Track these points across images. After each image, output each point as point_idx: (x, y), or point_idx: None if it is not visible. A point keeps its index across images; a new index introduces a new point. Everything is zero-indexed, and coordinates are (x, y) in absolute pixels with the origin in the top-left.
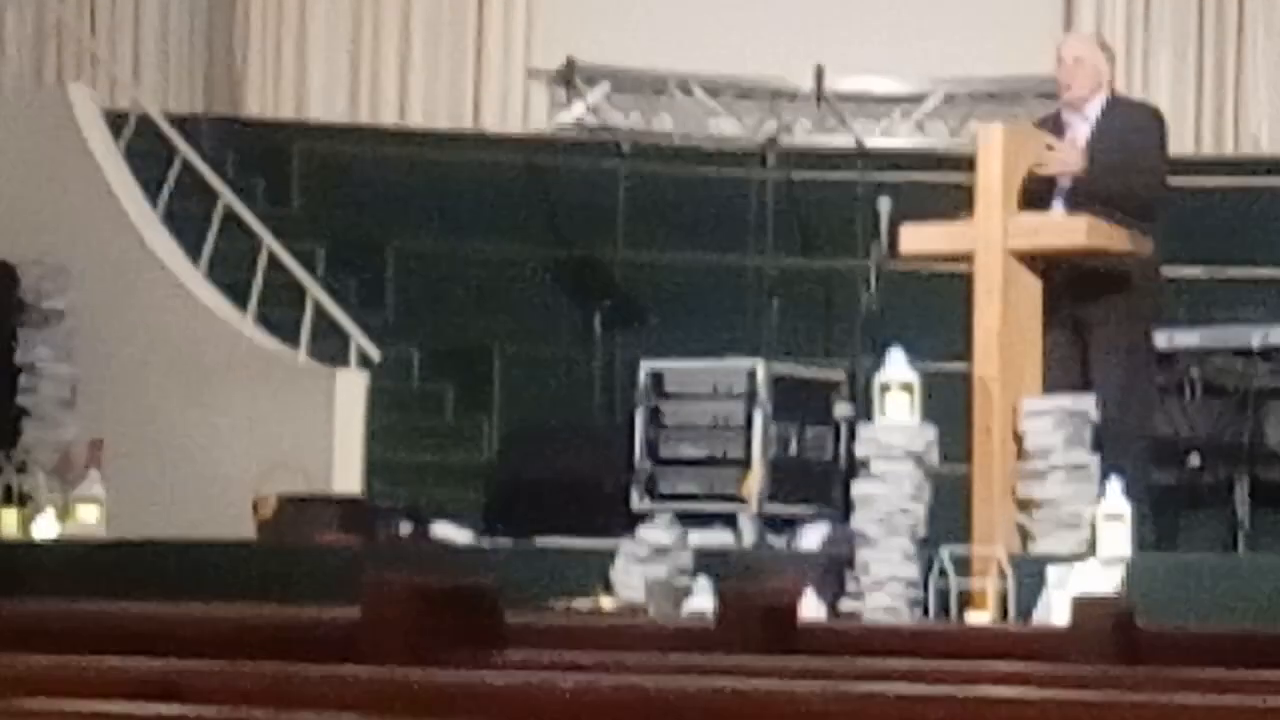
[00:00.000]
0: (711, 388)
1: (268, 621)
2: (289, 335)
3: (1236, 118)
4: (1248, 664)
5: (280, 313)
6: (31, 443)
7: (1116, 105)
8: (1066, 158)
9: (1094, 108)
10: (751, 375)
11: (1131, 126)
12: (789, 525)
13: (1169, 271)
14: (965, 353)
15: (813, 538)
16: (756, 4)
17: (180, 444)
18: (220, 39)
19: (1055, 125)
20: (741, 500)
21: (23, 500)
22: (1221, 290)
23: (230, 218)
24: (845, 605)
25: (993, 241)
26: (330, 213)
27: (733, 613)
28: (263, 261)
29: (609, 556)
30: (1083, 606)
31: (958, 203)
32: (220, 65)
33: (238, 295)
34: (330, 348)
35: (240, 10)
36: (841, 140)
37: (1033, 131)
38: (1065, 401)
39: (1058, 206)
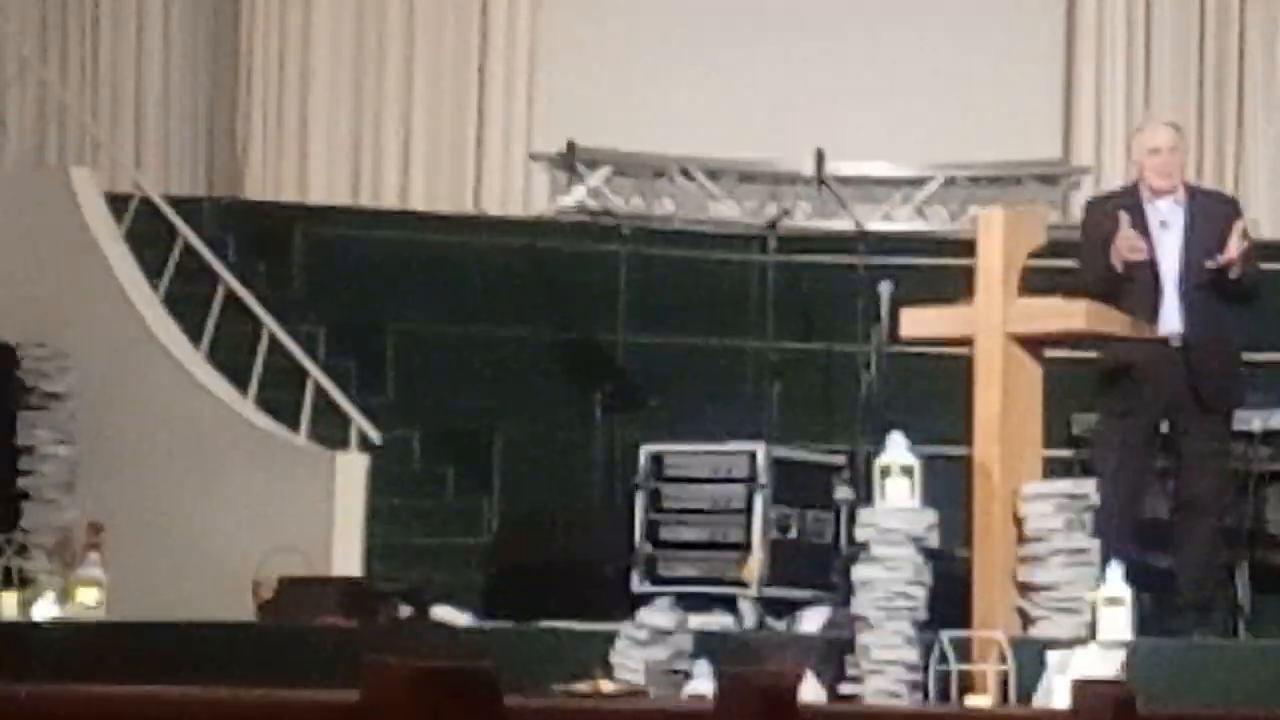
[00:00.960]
0: (712, 471)
1: (267, 703)
2: (289, 418)
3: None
4: None
5: (281, 395)
6: (32, 525)
7: (1200, 195)
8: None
9: (1180, 196)
10: (752, 458)
11: (1220, 219)
12: (789, 609)
13: None
14: (965, 436)
15: (813, 621)
16: (757, 89)
17: (180, 526)
18: (222, 122)
19: (1134, 207)
20: (742, 584)
21: (23, 583)
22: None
23: (231, 300)
24: (845, 689)
25: (993, 326)
26: (331, 295)
27: (733, 696)
28: (264, 344)
29: (609, 639)
30: (1084, 690)
31: (958, 287)
32: (222, 148)
33: (238, 378)
34: (331, 430)
35: (242, 93)
36: (842, 224)
37: (1033, 216)
38: (1065, 485)
39: (1174, 319)
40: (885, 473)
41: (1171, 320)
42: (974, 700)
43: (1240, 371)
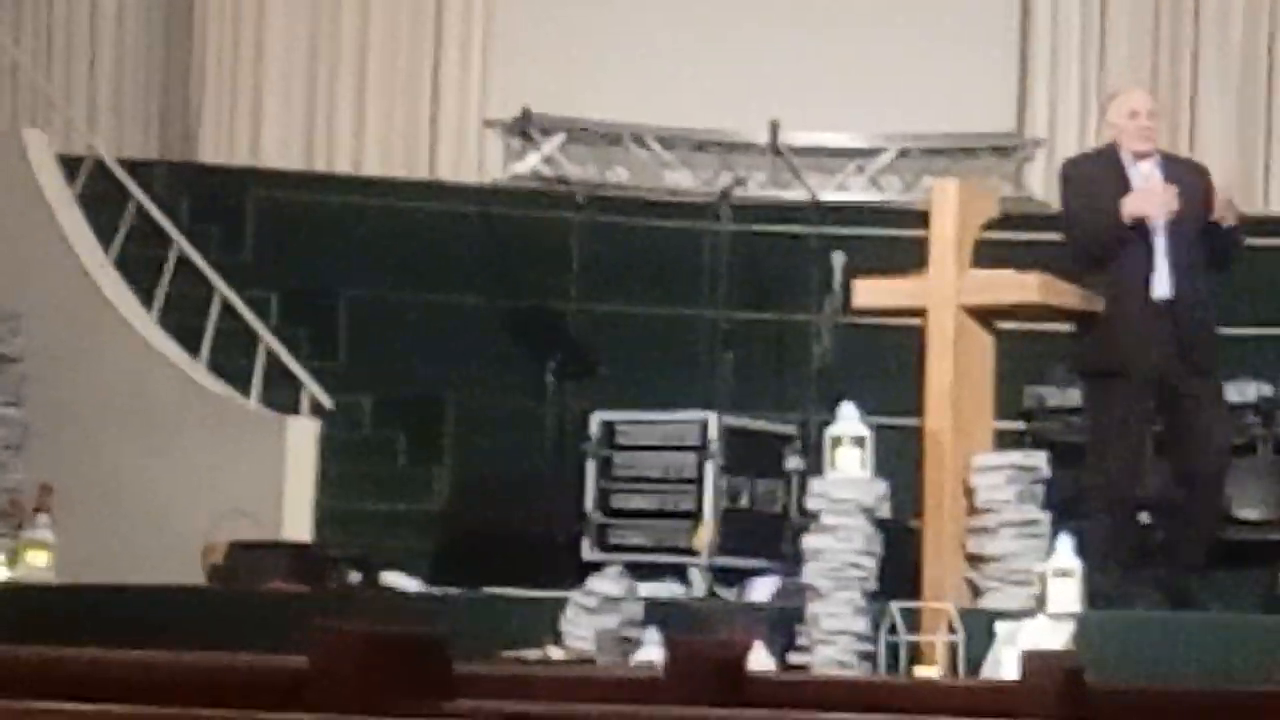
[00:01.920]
0: (663, 439)
1: (216, 668)
2: (241, 382)
3: None
4: None
5: (232, 360)
6: None
7: (1174, 161)
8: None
9: (1156, 159)
10: (704, 427)
11: (1195, 185)
12: (739, 577)
13: None
14: (917, 407)
15: (763, 590)
16: (712, 58)
17: (130, 489)
18: (176, 85)
19: (1114, 169)
20: (692, 552)
21: None
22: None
23: (184, 264)
24: (794, 658)
25: (945, 297)
26: (284, 260)
27: (682, 664)
28: (215, 308)
29: (558, 607)
30: (1032, 662)
31: (911, 258)
32: (176, 112)
33: (190, 342)
34: (282, 395)
35: (196, 57)
36: (796, 194)
37: (985, 190)
38: (1016, 457)
39: (1164, 281)
40: (836, 443)
41: (1163, 284)
42: (923, 671)
43: (1217, 336)
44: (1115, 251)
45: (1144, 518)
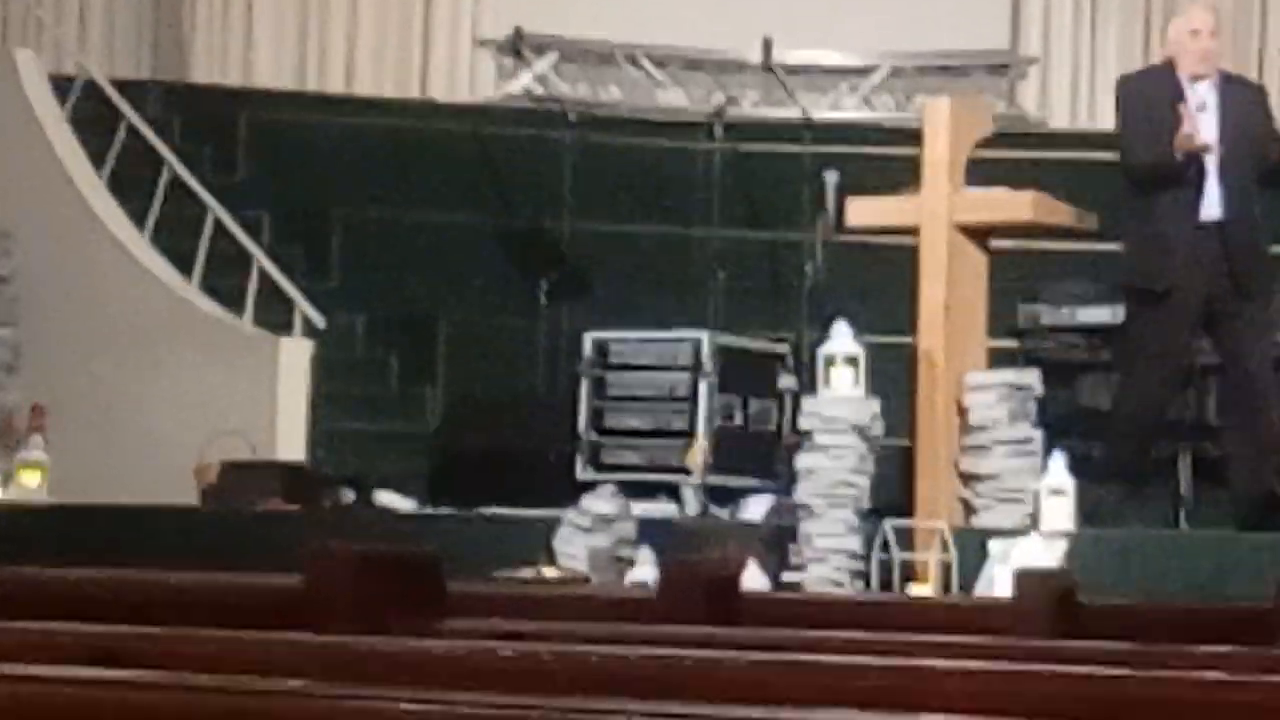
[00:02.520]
0: (656, 359)
1: (210, 588)
2: (234, 302)
3: None
4: (1188, 639)
5: (225, 280)
6: None
7: (1231, 81)
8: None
9: (1215, 78)
10: (696, 347)
11: (1253, 104)
12: (733, 497)
13: (1116, 246)
14: (910, 326)
15: (756, 509)
16: None
17: (124, 410)
18: (167, 5)
19: (1174, 90)
20: (685, 471)
21: None
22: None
23: (176, 184)
24: (788, 577)
25: (938, 215)
26: (276, 180)
27: (675, 583)
28: (208, 228)
29: (552, 526)
30: (1025, 580)
31: (904, 176)
32: (167, 31)
33: (183, 262)
34: (275, 315)
35: None
36: (788, 112)
37: (980, 104)
38: (1009, 375)
39: (1215, 203)
40: (830, 362)
41: (1213, 204)
42: (916, 589)
43: (1272, 256)
44: (1167, 181)
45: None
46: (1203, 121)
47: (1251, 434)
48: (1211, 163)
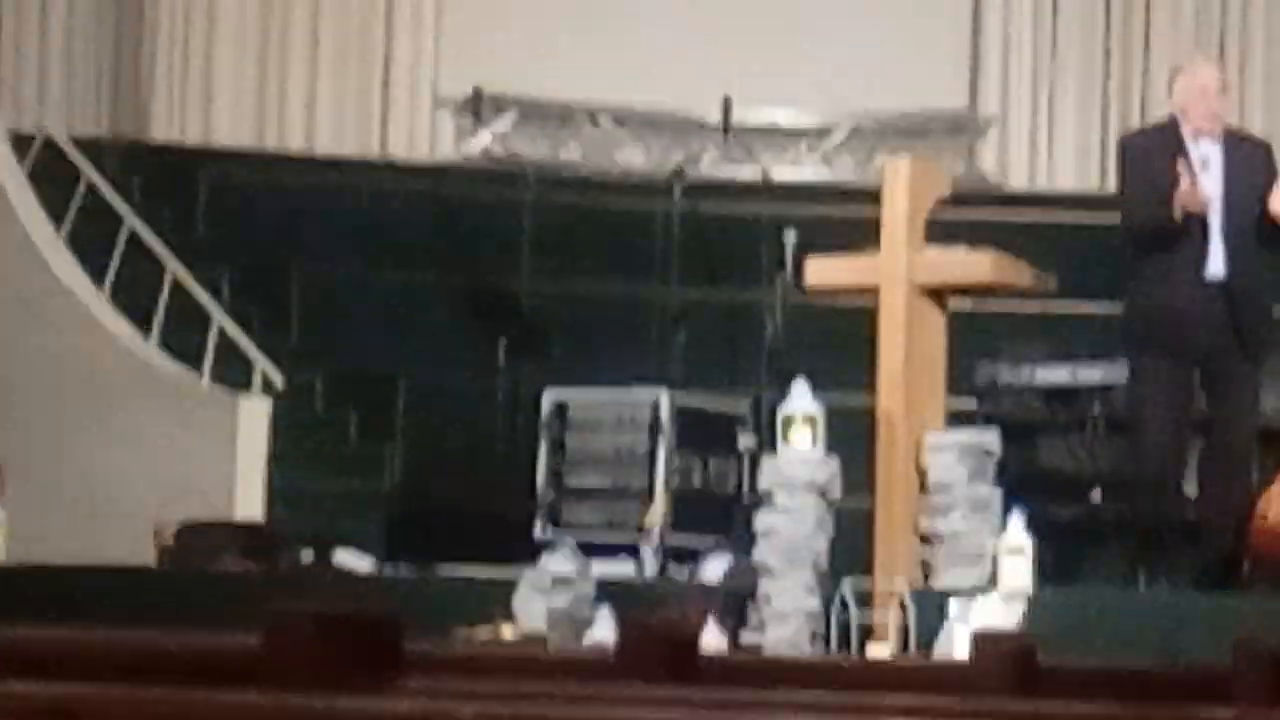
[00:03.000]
0: (615, 418)
1: (167, 648)
2: (193, 360)
3: None
4: (1147, 700)
5: (184, 338)
6: None
7: (1236, 138)
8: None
9: (1219, 136)
10: (655, 406)
11: (1257, 162)
12: (691, 556)
13: (1074, 307)
14: (869, 386)
15: (715, 569)
16: (664, 35)
17: (82, 468)
18: (127, 63)
19: (1175, 144)
20: (644, 531)
21: None
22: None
23: (135, 242)
24: (747, 637)
25: (897, 275)
26: (236, 238)
27: (634, 643)
28: (167, 286)
29: (511, 585)
30: (984, 640)
31: (863, 236)
32: (127, 89)
33: (142, 320)
34: (234, 373)
35: (148, 33)
36: (748, 172)
37: (937, 166)
38: (968, 435)
39: (1219, 262)
40: (788, 421)
41: (1217, 263)
42: (875, 649)
43: (1274, 318)
44: (1169, 241)
45: (1096, 495)
46: (1206, 180)
47: (1225, 496)
48: (1215, 221)
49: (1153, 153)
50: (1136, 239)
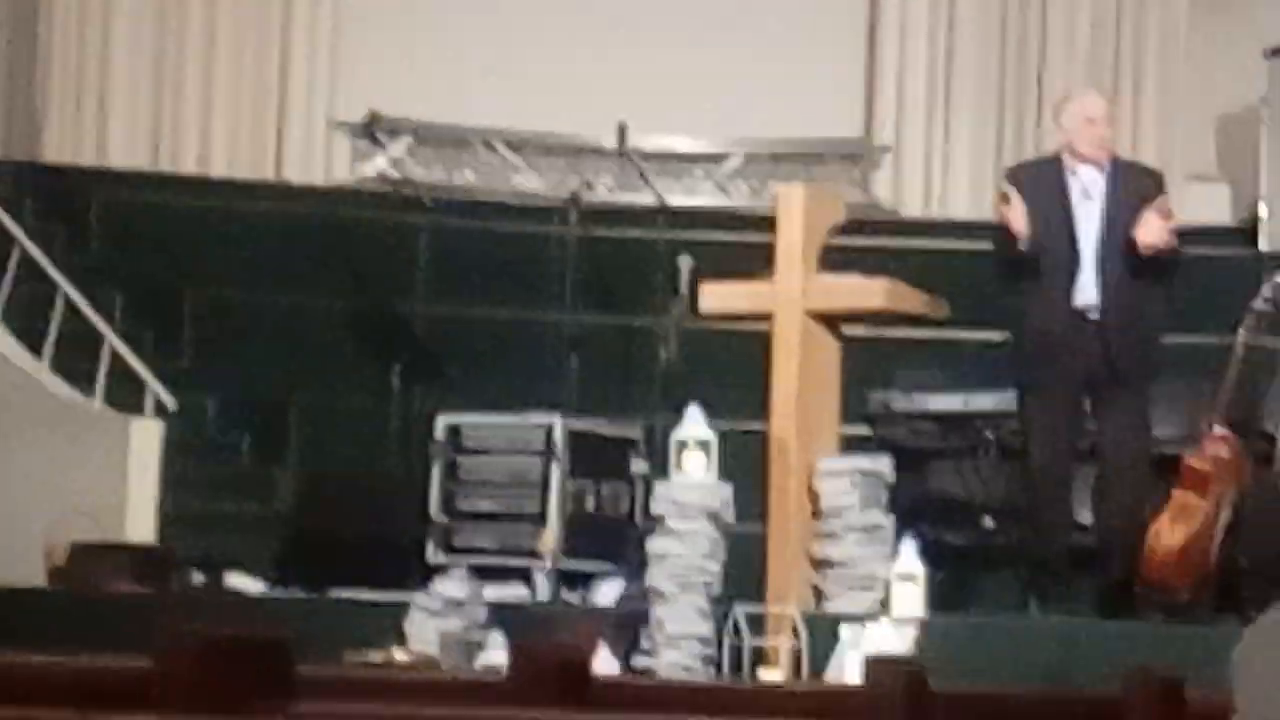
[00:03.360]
0: (508, 442)
1: (58, 670)
2: (84, 383)
3: None
4: None
5: (76, 360)
6: None
7: (1125, 167)
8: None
9: (1105, 165)
10: (549, 431)
11: (1143, 192)
12: (584, 581)
13: (967, 334)
14: (763, 412)
15: (608, 594)
16: (560, 62)
17: None
18: (20, 83)
19: (1058, 177)
20: (537, 555)
21: None
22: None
23: (27, 263)
24: (639, 661)
25: (792, 301)
26: (129, 260)
27: (526, 667)
28: (59, 308)
29: (403, 609)
30: (876, 666)
31: (758, 262)
32: (20, 109)
33: (33, 342)
34: (126, 396)
35: (41, 54)
36: (643, 198)
37: (832, 193)
38: (861, 462)
39: (1090, 291)
40: (682, 446)
41: (1088, 291)
42: (767, 674)
43: (1157, 346)
44: (1030, 272)
45: (988, 522)
46: (1086, 209)
47: (1111, 524)
48: (1088, 249)
49: (1032, 184)
50: (996, 266)
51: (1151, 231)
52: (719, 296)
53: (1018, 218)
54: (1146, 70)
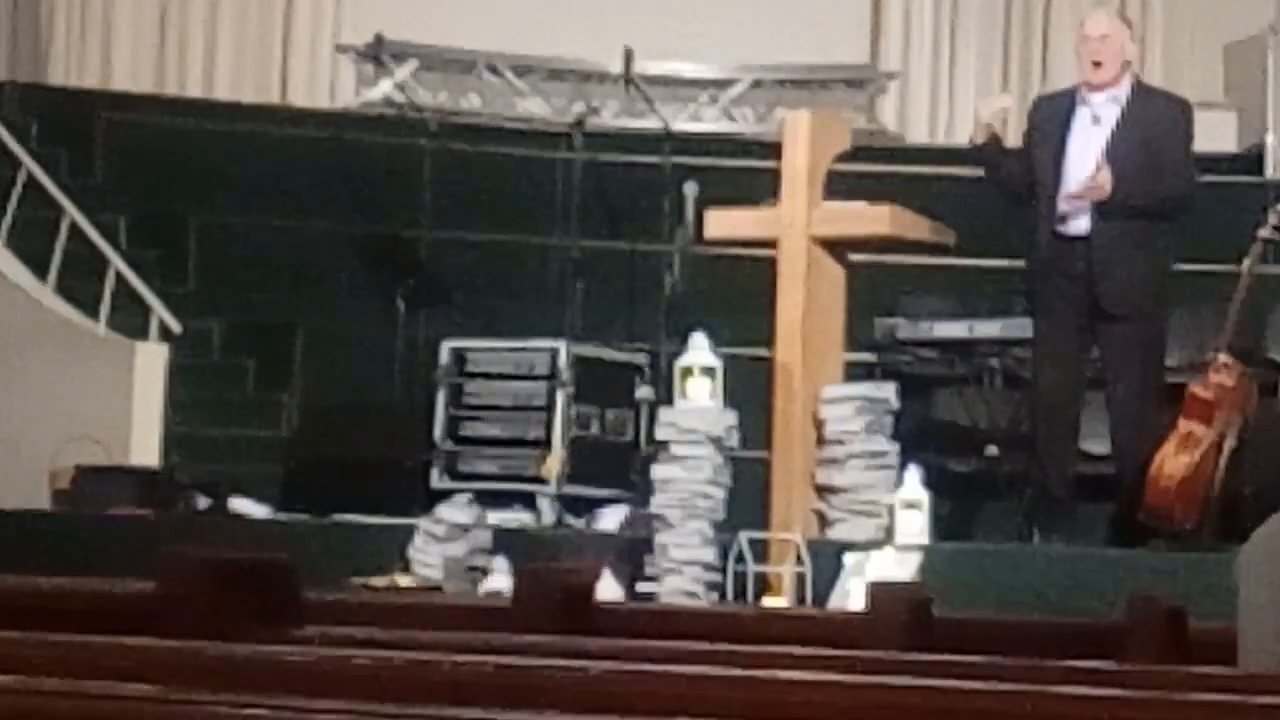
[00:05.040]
0: (513, 368)
1: (62, 592)
2: (89, 306)
3: None
4: (1040, 654)
5: (81, 284)
6: None
7: (1146, 94)
8: (1104, 186)
9: (1122, 91)
10: (554, 356)
11: (1160, 122)
12: (588, 507)
13: (973, 262)
14: (768, 338)
15: (611, 520)
16: None
17: None
18: (25, 6)
19: (1069, 106)
20: (541, 481)
21: None
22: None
23: (32, 186)
24: (643, 587)
25: (797, 228)
26: (134, 184)
27: (530, 592)
28: (64, 231)
29: (407, 534)
30: (879, 593)
31: (763, 189)
32: (25, 32)
33: (38, 265)
34: (131, 320)
35: None
36: (649, 124)
37: (838, 119)
38: (865, 389)
39: (1083, 219)
40: (687, 373)
41: (1079, 219)
42: (770, 601)
43: (1155, 276)
44: (1019, 199)
45: (992, 450)
46: (1089, 136)
47: (1116, 452)
48: (1081, 176)
49: (1041, 116)
50: (1001, 197)
51: (1089, 189)
52: (724, 223)
53: (985, 107)
54: None
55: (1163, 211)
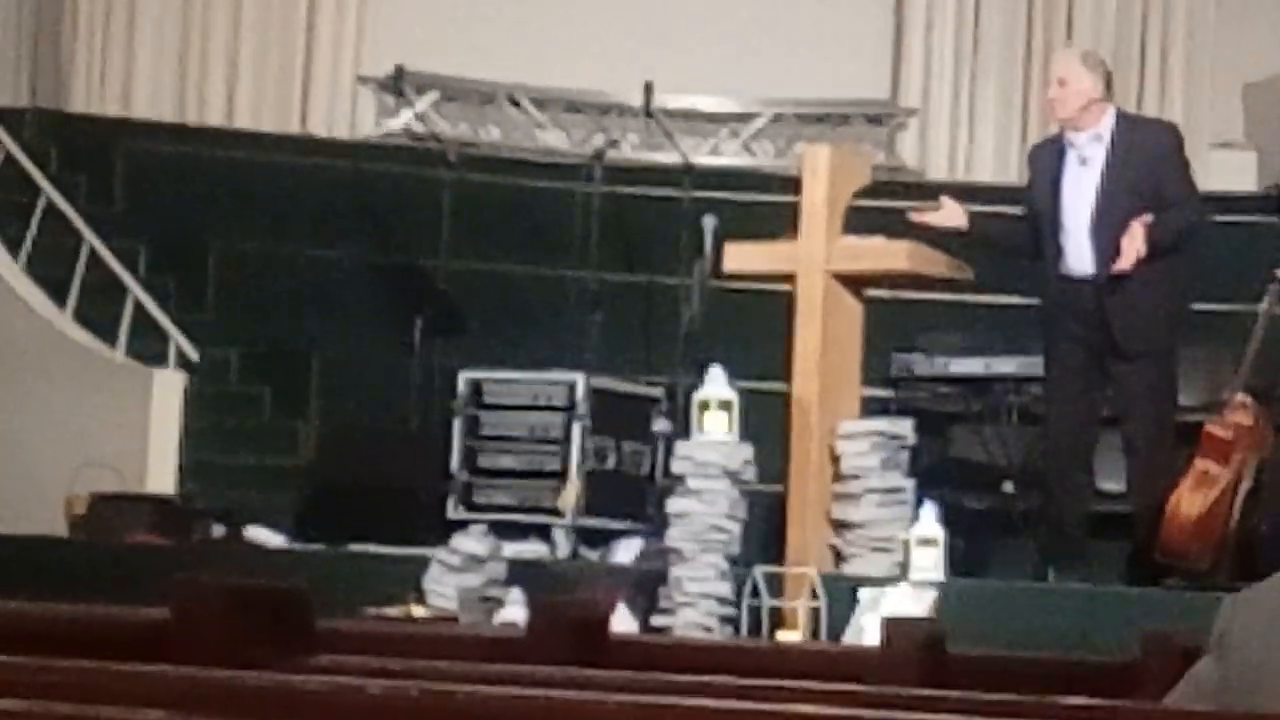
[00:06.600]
0: (531, 399)
1: (76, 619)
2: (108, 333)
3: None
4: (1055, 691)
5: (100, 310)
6: None
7: (1130, 126)
8: (1138, 246)
9: (1104, 128)
10: (571, 388)
11: (1150, 151)
12: (604, 539)
13: (990, 298)
14: (785, 372)
15: (627, 552)
16: (587, 18)
17: None
18: (48, 32)
19: (1058, 151)
20: (557, 513)
21: None
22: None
23: (52, 213)
24: (657, 620)
25: (815, 263)
26: (153, 211)
27: (544, 624)
28: (83, 258)
29: (422, 564)
30: (894, 628)
31: (782, 223)
32: (47, 58)
33: (57, 291)
34: (149, 347)
35: (68, 4)
36: (668, 157)
37: (857, 154)
38: (882, 424)
39: (1087, 259)
40: (704, 406)
41: (1083, 260)
42: (785, 636)
43: (1168, 313)
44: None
45: (1008, 487)
46: (1080, 177)
47: (1131, 490)
48: (1083, 218)
49: (1037, 165)
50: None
51: (1125, 256)
52: (743, 257)
53: (936, 221)
54: (1174, 36)
55: (1177, 245)
